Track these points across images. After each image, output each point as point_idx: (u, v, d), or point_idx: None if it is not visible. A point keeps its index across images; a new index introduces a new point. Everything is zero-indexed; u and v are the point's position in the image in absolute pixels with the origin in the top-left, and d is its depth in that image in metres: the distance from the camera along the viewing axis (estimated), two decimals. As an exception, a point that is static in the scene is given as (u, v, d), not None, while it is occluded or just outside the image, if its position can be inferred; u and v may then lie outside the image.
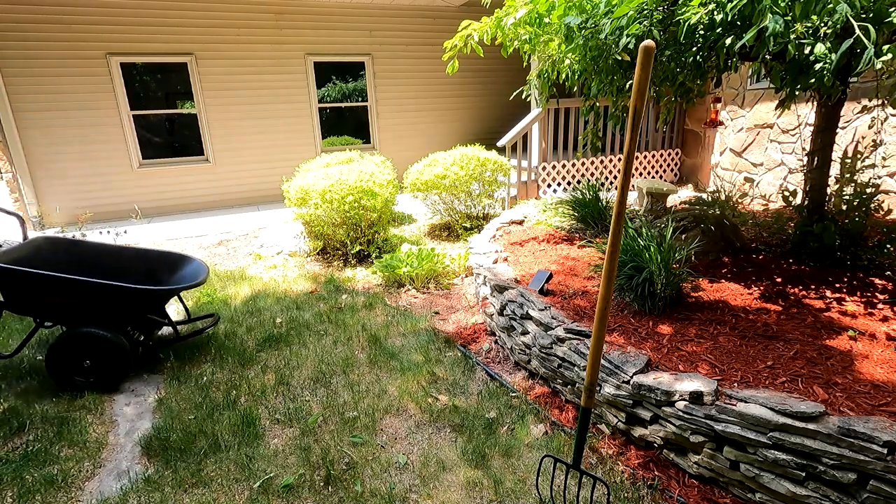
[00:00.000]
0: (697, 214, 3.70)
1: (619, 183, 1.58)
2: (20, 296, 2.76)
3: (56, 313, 2.85)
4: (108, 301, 2.82)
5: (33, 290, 2.74)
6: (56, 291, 2.74)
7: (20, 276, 2.68)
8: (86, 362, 2.80)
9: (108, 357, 2.82)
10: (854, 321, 2.48)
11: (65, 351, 2.77)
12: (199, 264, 3.38)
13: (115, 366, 2.84)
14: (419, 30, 8.64)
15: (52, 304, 2.79)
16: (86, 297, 2.78)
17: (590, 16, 2.73)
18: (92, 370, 2.82)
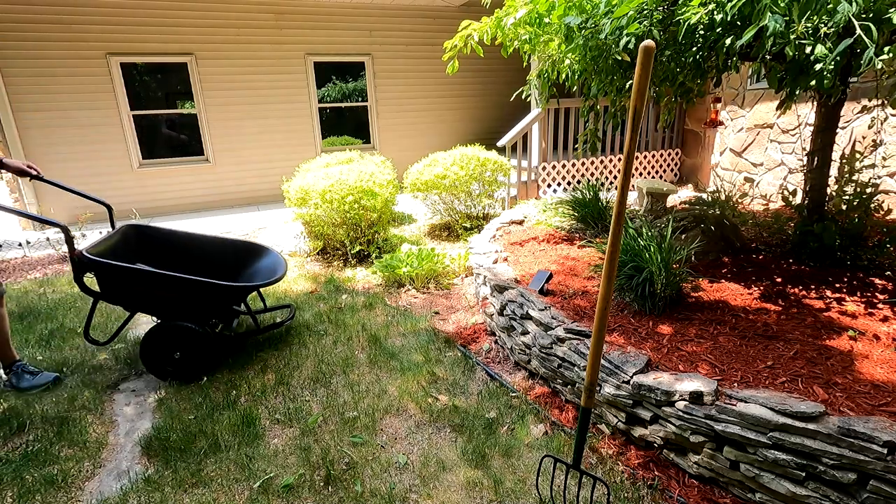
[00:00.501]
0: (697, 214, 3.70)
1: (619, 183, 1.58)
2: (114, 287, 2.83)
3: (147, 304, 2.91)
4: (198, 294, 2.89)
5: (126, 282, 2.80)
6: (148, 284, 2.81)
7: (115, 271, 2.73)
8: (176, 354, 2.88)
9: (197, 348, 2.90)
10: (854, 321, 2.48)
11: (157, 342, 2.86)
12: (276, 256, 3.46)
13: (202, 356, 2.93)
14: (419, 30, 8.64)
15: (144, 296, 2.86)
16: (177, 290, 2.84)
17: (590, 16, 2.73)
18: (181, 361, 2.90)
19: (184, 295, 2.86)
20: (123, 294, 2.86)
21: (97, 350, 3.29)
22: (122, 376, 3.01)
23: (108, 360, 3.19)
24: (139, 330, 3.62)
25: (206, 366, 2.96)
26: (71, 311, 3.96)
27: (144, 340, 2.86)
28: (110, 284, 2.82)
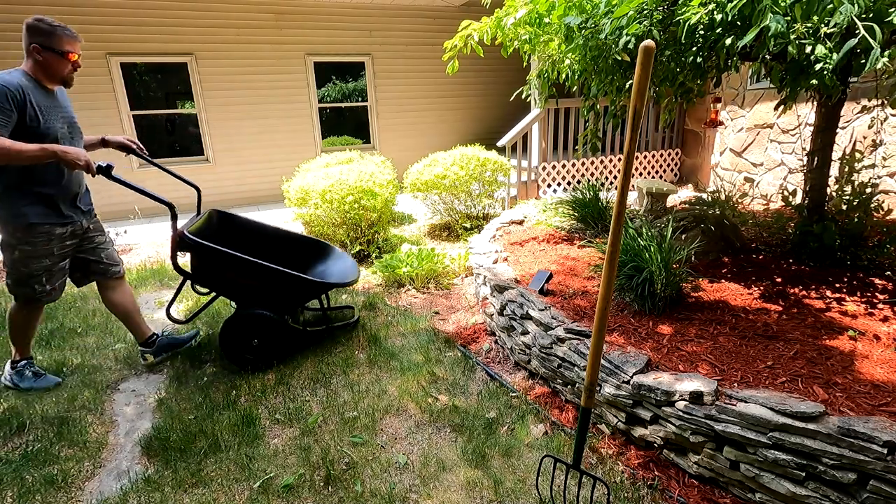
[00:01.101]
0: (697, 214, 3.70)
1: (619, 183, 1.58)
2: (205, 269, 2.90)
3: (231, 289, 2.97)
4: (284, 286, 2.95)
5: (218, 266, 2.86)
6: (239, 270, 2.87)
7: (210, 253, 2.78)
8: (254, 341, 2.94)
9: (274, 336, 2.97)
10: (854, 321, 2.48)
11: (235, 329, 2.91)
12: (346, 256, 3.56)
13: (279, 344, 3.00)
14: (419, 30, 8.64)
15: (231, 281, 2.92)
16: (265, 279, 2.90)
17: (590, 16, 2.73)
18: (259, 348, 2.96)
19: (270, 284, 2.93)
20: (212, 277, 2.92)
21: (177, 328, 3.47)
22: (122, 376, 3.01)
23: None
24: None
25: (282, 354, 3.04)
26: (71, 311, 3.96)
27: (224, 329, 2.91)
28: (203, 266, 2.88)
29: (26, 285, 2.62)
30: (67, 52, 2.49)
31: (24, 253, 2.54)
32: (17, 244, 2.53)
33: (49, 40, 2.46)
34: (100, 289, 3.01)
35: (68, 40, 2.51)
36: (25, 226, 2.49)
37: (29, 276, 2.60)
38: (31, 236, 2.52)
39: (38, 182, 2.49)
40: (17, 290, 2.65)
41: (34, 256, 2.57)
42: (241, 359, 2.97)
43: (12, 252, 2.56)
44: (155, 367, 3.10)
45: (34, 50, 2.46)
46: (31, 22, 2.46)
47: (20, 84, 2.38)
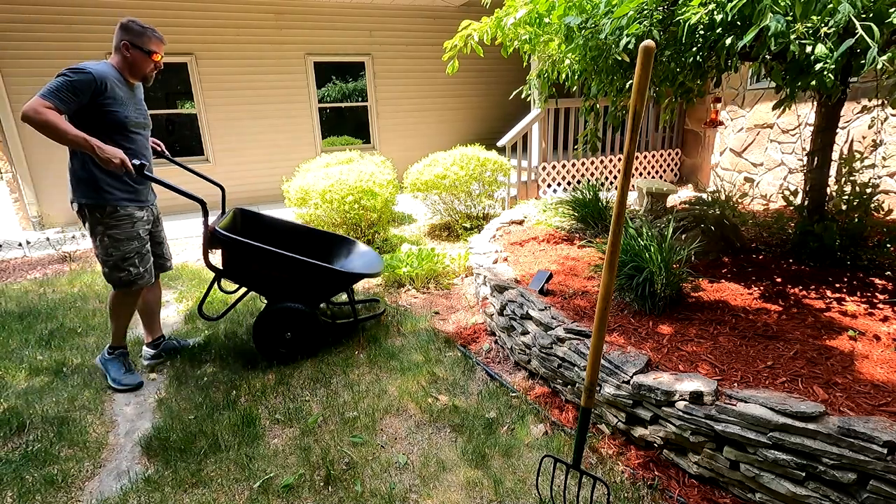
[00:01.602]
0: (697, 214, 3.70)
1: (619, 183, 1.58)
2: (236, 265, 2.94)
3: (262, 284, 3.01)
4: (314, 278, 3.00)
5: (249, 260, 2.90)
6: (269, 264, 2.92)
7: (241, 248, 2.83)
8: (287, 334, 3.01)
9: (306, 329, 3.03)
10: (854, 321, 2.48)
11: (268, 324, 2.97)
12: (368, 248, 3.62)
13: (311, 337, 3.06)
14: (419, 30, 8.64)
15: (261, 275, 2.97)
16: (294, 272, 2.96)
17: (590, 16, 2.73)
18: (292, 342, 3.03)
19: (300, 277, 2.98)
20: (244, 271, 2.96)
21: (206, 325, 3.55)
22: (122, 376, 3.00)
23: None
24: (139, 330, 3.62)
25: (315, 346, 3.10)
26: (71, 311, 3.97)
27: (257, 324, 2.96)
28: (234, 261, 2.93)
29: (122, 269, 2.72)
30: (153, 52, 2.68)
31: (112, 237, 2.66)
32: (105, 229, 2.65)
33: (138, 39, 2.65)
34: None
35: (155, 42, 2.71)
36: (110, 209, 2.63)
37: (122, 258, 2.70)
38: (116, 219, 2.66)
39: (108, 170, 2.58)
40: (113, 275, 2.73)
41: (123, 239, 2.69)
42: (275, 353, 3.03)
43: (102, 238, 2.66)
44: (154, 367, 3.10)
45: (123, 47, 2.63)
46: (125, 22, 2.66)
47: (104, 74, 2.52)
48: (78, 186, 2.62)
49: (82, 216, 2.68)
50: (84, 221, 2.70)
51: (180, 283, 4.60)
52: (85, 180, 2.60)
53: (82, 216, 2.68)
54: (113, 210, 2.64)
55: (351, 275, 3.11)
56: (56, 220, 7.00)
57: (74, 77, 2.44)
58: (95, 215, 2.63)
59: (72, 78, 2.43)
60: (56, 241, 5.88)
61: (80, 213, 2.68)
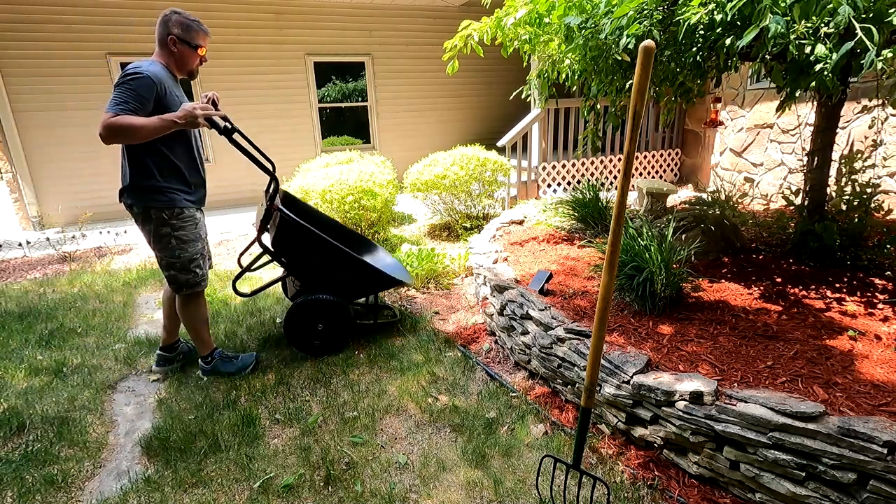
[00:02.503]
0: (697, 214, 3.70)
1: (619, 183, 1.58)
2: (288, 245, 2.93)
3: (305, 269, 3.03)
4: (359, 274, 3.07)
5: (302, 244, 2.91)
6: (320, 252, 2.94)
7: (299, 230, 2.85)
8: (319, 326, 3.04)
9: (338, 321, 3.07)
10: (854, 321, 2.48)
11: (301, 315, 2.99)
12: (389, 255, 3.73)
13: (343, 329, 3.10)
14: (419, 30, 8.64)
15: (307, 261, 2.99)
16: (343, 267, 3.01)
17: (590, 16, 2.73)
18: (325, 333, 3.07)
19: (346, 271, 3.03)
20: (291, 254, 2.97)
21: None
22: (122, 376, 3.01)
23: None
24: (139, 330, 3.62)
25: (344, 340, 3.14)
26: (71, 311, 3.97)
27: (290, 316, 2.98)
28: (286, 242, 2.92)
29: (189, 271, 2.69)
30: (199, 47, 2.57)
31: (180, 238, 2.63)
32: (171, 231, 2.60)
33: (186, 34, 2.52)
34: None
35: (202, 36, 2.59)
36: (177, 210, 2.59)
37: (190, 260, 2.68)
38: (183, 221, 2.62)
39: (182, 167, 2.59)
40: (181, 277, 2.68)
41: (190, 241, 2.66)
42: (308, 345, 3.06)
43: (168, 241, 2.61)
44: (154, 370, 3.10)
45: (171, 42, 2.50)
46: (170, 14, 2.50)
47: (160, 76, 2.44)
48: (144, 190, 2.52)
49: (146, 219, 2.57)
50: (147, 225, 2.59)
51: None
52: (149, 185, 2.52)
53: (146, 219, 2.57)
54: (180, 211, 2.59)
55: (392, 279, 3.17)
56: (56, 220, 7.01)
57: (135, 83, 2.33)
58: (163, 217, 2.56)
59: (133, 85, 2.32)
60: (56, 241, 5.88)
61: (143, 215, 2.57)
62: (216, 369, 2.91)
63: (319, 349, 3.09)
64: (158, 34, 2.52)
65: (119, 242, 6.13)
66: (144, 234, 2.65)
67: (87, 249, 5.88)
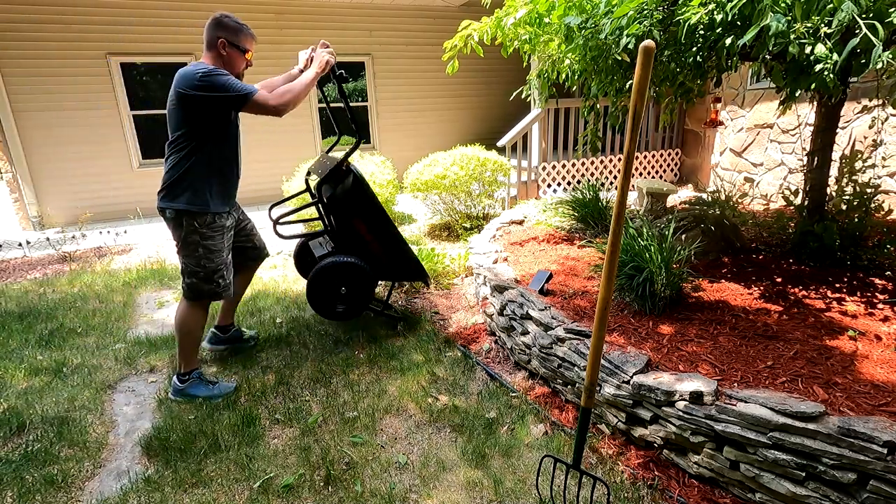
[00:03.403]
0: (697, 214, 3.70)
1: (619, 183, 1.58)
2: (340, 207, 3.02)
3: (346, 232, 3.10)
4: (391, 255, 3.18)
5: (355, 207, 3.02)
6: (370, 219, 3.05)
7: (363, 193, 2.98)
8: (342, 289, 3.08)
9: (360, 285, 3.10)
10: (854, 321, 2.48)
11: (324, 279, 3.01)
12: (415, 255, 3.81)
13: (364, 293, 3.14)
14: (419, 30, 8.64)
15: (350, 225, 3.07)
16: (385, 243, 3.12)
17: (590, 16, 2.73)
18: (347, 297, 3.11)
19: (386, 247, 3.13)
20: (343, 213, 3.04)
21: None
22: (122, 376, 3.01)
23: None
24: (139, 329, 3.62)
25: (365, 306, 3.19)
26: (71, 311, 3.97)
27: (316, 275, 2.99)
28: (345, 201, 3.00)
29: (212, 282, 2.63)
30: (247, 50, 2.61)
31: (207, 248, 2.58)
32: (200, 239, 2.56)
33: (235, 37, 2.54)
34: (245, 270, 3.10)
35: (251, 40, 2.62)
36: (209, 218, 2.56)
37: (214, 271, 2.62)
38: (213, 230, 2.59)
39: (220, 172, 2.59)
40: (202, 286, 2.62)
41: (217, 250, 2.62)
42: (331, 311, 3.11)
43: (196, 249, 2.57)
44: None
45: (220, 45, 2.52)
46: (220, 18, 2.53)
47: None
48: (182, 192, 2.50)
49: (177, 224, 2.55)
50: (178, 231, 2.56)
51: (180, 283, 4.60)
52: (191, 186, 2.50)
53: (177, 224, 2.55)
54: (212, 220, 2.56)
55: (420, 269, 3.27)
56: (56, 220, 7.01)
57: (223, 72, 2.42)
58: (194, 224, 2.53)
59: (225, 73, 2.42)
60: (56, 241, 5.88)
61: (175, 220, 2.54)
62: (186, 393, 2.69)
63: (342, 314, 3.12)
64: (207, 37, 2.53)
65: (119, 242, 6.13)
66: (175, 238, 2.62)
67: (87, 249, 5.88)
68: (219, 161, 2.57)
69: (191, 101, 2.38)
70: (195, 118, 2.43)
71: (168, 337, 3.46)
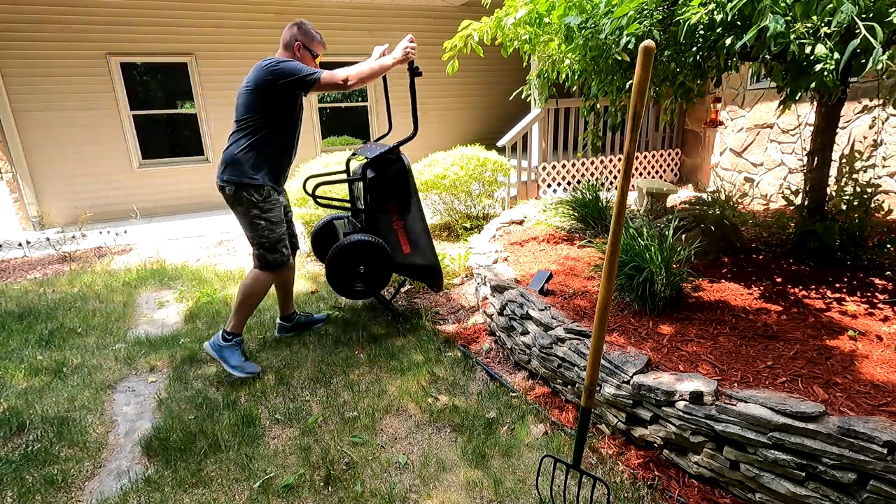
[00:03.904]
0: (697, 214, 3.70)
1: (619, 183, 1.58)
2: (386, 184, 3.17)
3: (379, 212, 3.18)
4: (415, 244, 3.27)
5: (399, 184, 3.21)
6: (401, 199, 3.20)
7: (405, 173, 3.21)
8: (360, 268, 3.13)
9: (379, 263, 3.15)
10: (854, 321, 2.48)
11: (345, 256, 3.06)
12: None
13: (383, 270, 3.18)
14: (419, 30, 8.63)
15: (386, 216, 3.20)
16: (410, 227, 3.24)
17: (590, 16, 2.73)
18: (365, 276, 3.16)
19: (413, 241, 3.24)
20: (381, 196, 3.16)
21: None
22: (121, 376, 3.01)
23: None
24: (139, 329, 3.62)
25: (382, 285, 3.24)
26: (71, 311, 3.97)
27: (338, 252, 3.04)
28: (387, 184, 3.17)
29: (276, 251, 2.91)
30: (317, 55, 3.00)
31: (269, 220, 2.85)
32: (260, 212, 2.82)
33: (310, 42, 2.95)
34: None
35: (321, 47, 3.02)
36: (266, 192, 2.82)
37: (277, 240, 2.90)
38: (270, 203, 2.85)
39: (280, 152, 2.87)
40: (269, 257, 2.90)
41: (277, 221, 2.89)
42: (350, 290, 3.17)
43: (259, 221, 2.83)
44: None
45: (297, 46, 2.90)
46: (300, 24, 2.93)
47: None
48: (241, 167, 2.75)
49: (238, 199, 2.78)
50: (238, 207, 2.81)
51: (180, 282, 4.60)
52: (250, 162, 2.76)
53: (238, 199, 2.78)
54: (268, 194, 2.82)
55: (438, 267, 3.36)
56: (56, 219, 7.01)
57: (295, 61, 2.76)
58: (254, 198, 2.78)
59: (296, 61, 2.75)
60: (56, 241, 5.88)
61: (234, 195, 2.77)
62: (223, 353, 2.86)
63: (360, 293, 3.19)
64: (285, 37, 2.89)
65: (119, 242, 6.13)
66: (237, 216, 2.87)
67: (87, 249, 5.88)
68: (280, 142, 2.84)
69: (266, 86, 2.68)
70: (266, 102, 2.72)
71: (168, 337, 3.47)
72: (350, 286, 3.16)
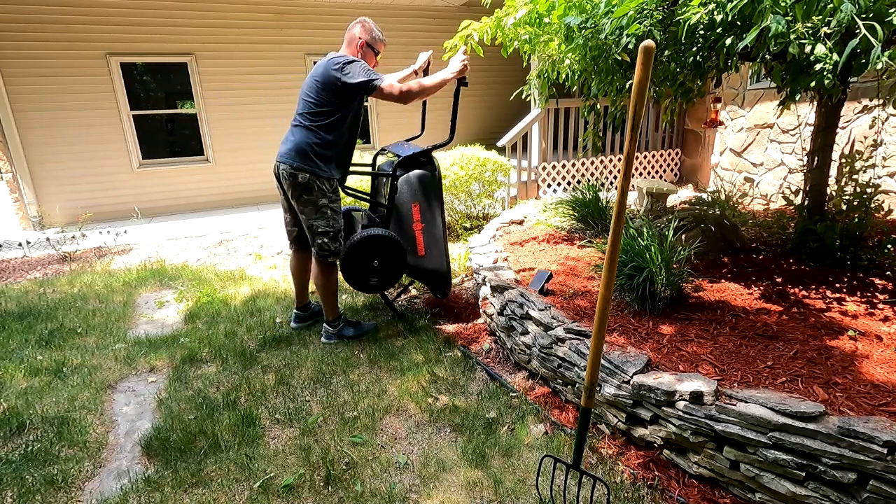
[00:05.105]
0: (697, 214, 3.70)
1: (619, 183, 1.58)
2: (412, 197, 3.24)
3: (396, 216, 3.28)
4: (430, 246, 3.35)
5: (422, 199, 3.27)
6: (427, 193, 3.27)
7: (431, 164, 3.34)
8: (374, 262, 3.20)
9: (392, 257, 3.21)
10: (854, 321, 2.48)
11: (359, 251, 3.13)
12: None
13: (396, 263, 3.24)
14: (419, 30, 8.64)
15: (405, 216, 3.27)
16: (429, 221, 3.31)
17: (590, 16, 2.73)
18: (380, 269, 3.23)
19: (428, 243, 3.32)
20: (412, 192, 3.23)
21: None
22: (121, 376, 3.01)
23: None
24: (139, 329, 3.63)
25: (396, 279, 3.31)
26: (71, 311, 3.97)
27: (354, 246, 3.10)
28: (413, 184, 3.23)
29: (337, 240, 3.05)
30: (378, 53, 3.12)
31: (334, 210, 3.01)
32: (328, 202, 2.97)
33: (374, 42, 3.06)
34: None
35: (382, 46, 3.14)
36: (334, 185, 2.99)
37: (339, 230, 3.06)
38: (335, 194, 3.01)
39: (346, 145, 3.02)
40: (332, 245, 3.03)
41: (339, 212, 3.06)
42: (364, 284, 3.24)
43: (326, 210, 2.97)
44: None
45: (360, 44, 3.01)
46: (364, 22, 3.02)
47: None
48: (314, 160, 2.89)
49: (307, 187, 2.90)
50: (305, 193, 2.91)
51: (180, 282, 4.60)
52: (322, 155, 2.90)
53: (307, 187, 2.90)
54: (335, 187, 3.00)
55: (448, 273, 3.42)
56: (56, 219, 7.01)
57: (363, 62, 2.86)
58: (324, 188, 2.93)
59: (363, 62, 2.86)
60: (56, 241, 5.88)
61: (307, 183, 2.89)
62: (340, 334, 3.24)
63: (374, 287, 3.27)
64: (349, 35, 3.01)
65: (119, 242, 6.13)
66: (300, 203, 2.95)
67: (87, 249, 5.88)
68: (347, 138, 2.99)
69: (333, 82, 2.80)
70: (332, 97, 2.83)
71: (168, 337, 3.47)
72: (365, 280, 3.23)
